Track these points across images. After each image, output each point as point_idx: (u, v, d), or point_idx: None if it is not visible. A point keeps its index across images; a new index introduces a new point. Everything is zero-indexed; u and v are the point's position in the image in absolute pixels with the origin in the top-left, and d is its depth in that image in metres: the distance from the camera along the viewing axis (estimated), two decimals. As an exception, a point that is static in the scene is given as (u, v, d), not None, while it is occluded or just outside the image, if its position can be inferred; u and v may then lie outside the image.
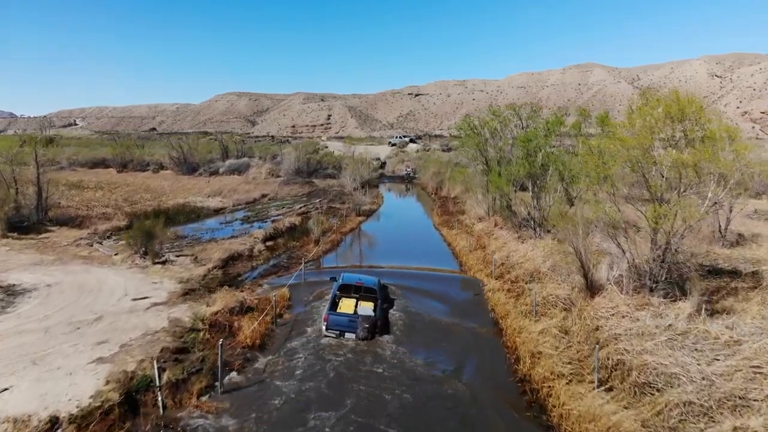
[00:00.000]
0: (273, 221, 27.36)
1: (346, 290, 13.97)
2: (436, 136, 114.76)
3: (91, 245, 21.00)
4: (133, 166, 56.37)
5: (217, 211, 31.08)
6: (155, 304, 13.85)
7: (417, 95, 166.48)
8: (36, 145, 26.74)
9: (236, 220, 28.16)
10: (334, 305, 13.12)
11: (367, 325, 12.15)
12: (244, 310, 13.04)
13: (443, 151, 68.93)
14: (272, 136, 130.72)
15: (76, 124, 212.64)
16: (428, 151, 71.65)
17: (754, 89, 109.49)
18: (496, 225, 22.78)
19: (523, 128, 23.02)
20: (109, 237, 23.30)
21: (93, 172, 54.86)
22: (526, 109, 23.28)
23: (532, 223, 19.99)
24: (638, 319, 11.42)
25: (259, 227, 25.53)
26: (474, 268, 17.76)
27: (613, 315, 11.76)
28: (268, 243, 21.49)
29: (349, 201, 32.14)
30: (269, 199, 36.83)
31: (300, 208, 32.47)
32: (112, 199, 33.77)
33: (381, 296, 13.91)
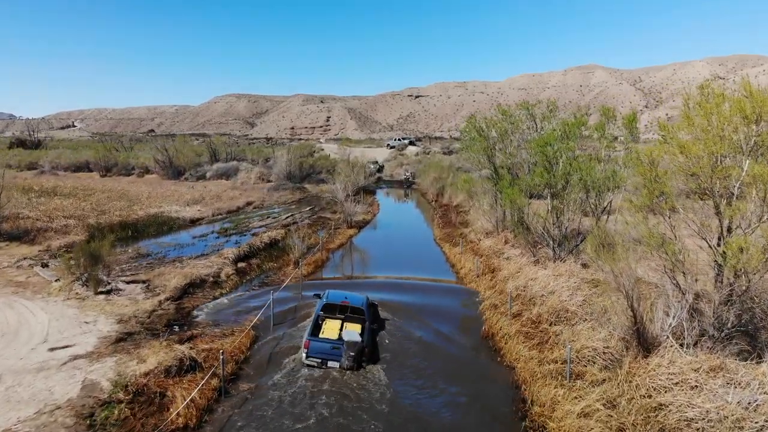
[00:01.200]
0: (253, 234, 24.30)
1: (331, 310, 12.39)
2: (436, 138, 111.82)
3: (33, 267, 17.95)
4: (118, 170, 53.53)
5: (194, 222, 27.99)
6: (75, 357, 10.77)
7: (417, 97, 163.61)
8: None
9: (212, 233, 25.07)
10: (316, 328, 11.60)
11: (352, 353, 10.71)
12: (185, 369, 9.95)
13: (444, 154, 66.09)
14: (268, 138, 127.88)
15: (74, 126, 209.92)
16: (428, 153, 68.67)
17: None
18: (506, 242, 19.71)
19: (537, 130, 19.93)
20: (62, 255, 20.28)
21: (75, 176, 51.99)
22: (541, 107, 20.15)
23: (551, 242, 16.90)
24: (713, 392, 8.34)
25: (236, 242, 22.51)
26: (485, 304, 14.65)
27: (676, 384, 8.67)
28: (241, 264, 18.36)
29: (341, 210, 29.07)
30: (254, 207, 33.75)
31: (286, 218, 29.39)
32: (81, 207, 30.67)
33: (369, 316, 12.30)
